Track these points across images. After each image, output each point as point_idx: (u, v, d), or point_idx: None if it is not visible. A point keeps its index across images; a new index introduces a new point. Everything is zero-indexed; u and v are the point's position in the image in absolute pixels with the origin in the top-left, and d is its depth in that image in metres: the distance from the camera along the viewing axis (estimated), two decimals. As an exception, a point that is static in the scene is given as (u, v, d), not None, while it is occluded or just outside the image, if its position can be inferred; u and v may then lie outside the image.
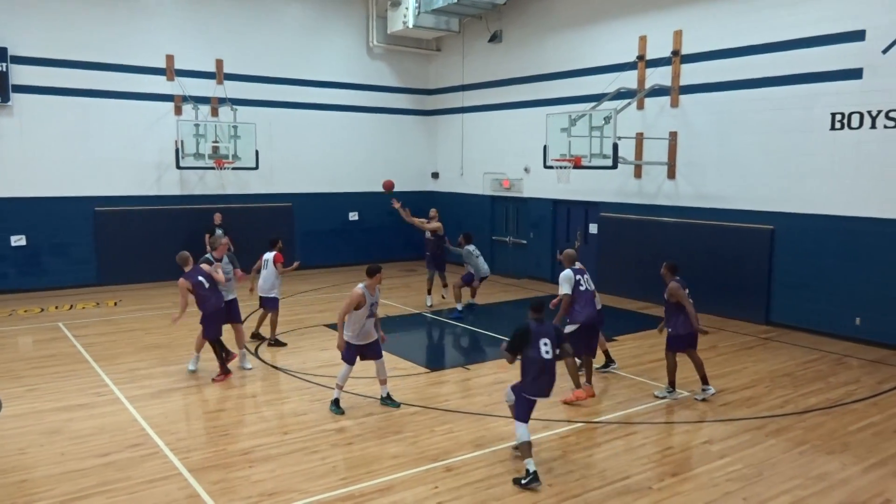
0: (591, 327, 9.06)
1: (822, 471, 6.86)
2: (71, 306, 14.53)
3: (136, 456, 7.10)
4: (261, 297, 11.39)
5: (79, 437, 7.61)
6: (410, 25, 18.86)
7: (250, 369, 10.23)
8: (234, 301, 10.46)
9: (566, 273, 9.05)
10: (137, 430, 7.80)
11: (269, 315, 11.51)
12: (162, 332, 12.41)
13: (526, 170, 18.23)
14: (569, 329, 8.82)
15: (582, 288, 9.00)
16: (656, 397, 9.02)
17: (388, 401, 8.65)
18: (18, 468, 6.75)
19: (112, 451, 7.20)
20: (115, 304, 14.86)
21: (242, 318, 10.79)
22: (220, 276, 9.93)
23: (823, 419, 8.29)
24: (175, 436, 7.65)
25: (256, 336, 11.73)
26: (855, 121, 11.68)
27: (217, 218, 16.80)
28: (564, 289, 8.92)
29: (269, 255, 11.42)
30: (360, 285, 8.27)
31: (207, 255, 10.25)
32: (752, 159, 13.26)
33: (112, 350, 11.21)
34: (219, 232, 16.71)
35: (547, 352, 6.63)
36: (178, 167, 16.66)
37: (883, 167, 11.38)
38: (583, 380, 8.98)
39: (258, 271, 11.42)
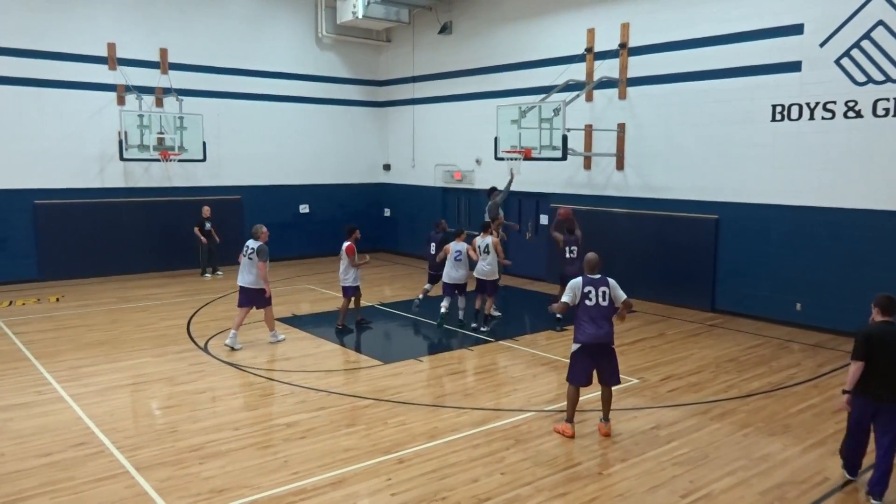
0: (596, 350, 7.53)
1: (764, 452, 7.08)
2: (10, 303, 14.05)
3: (80, 455, 6.91)
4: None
5: (19, 436, 7.36)
6: (360, 16, 18.69)
7: (281, 339, 11.23)
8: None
9: (575, 281, 7.67)
10: (81, 429, 7.59)
11: (344, 301, 11.99)
12: (106, 328, 12.12)
13: (477, 161, 18.29)
14: (573, 348, 7.67)
15: (589, 303, 7.50)
16: None
17: None
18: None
19: (55, 451, 7.00)
20: (58, 299, 14.42)
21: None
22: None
23: (766, 402, 8.55)
24: (121, 433, 7.47)
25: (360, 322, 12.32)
26: (794, 112, 12.03)
27: (206, 211, 16.78)
28: (566, 297, 7.64)
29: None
30: None
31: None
32: (697, 150, 13.55)
33: (54, 347, 10.88)
34: (208, 225, 16.57)
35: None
36: (122, 159, 16.23)
37: (821, 157, 11.76)
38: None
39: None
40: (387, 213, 21.72)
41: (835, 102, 11.51)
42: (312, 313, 13.49)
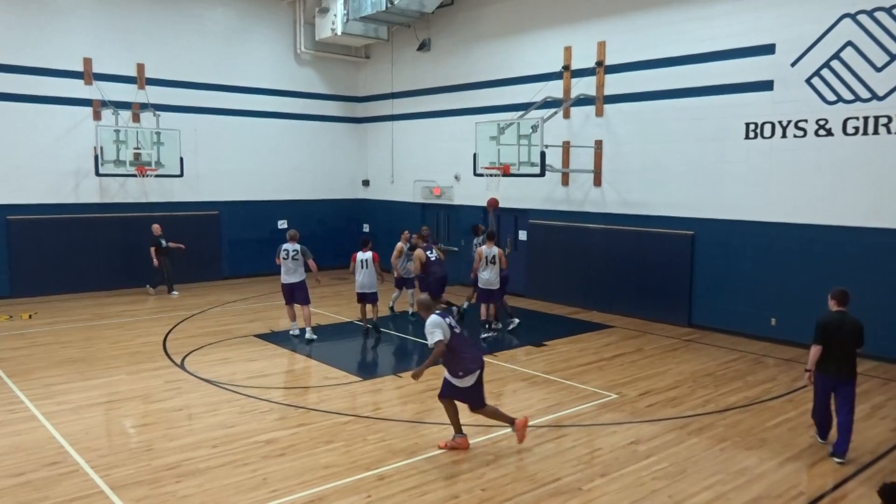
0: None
1: (741, 466, 7.14)
2: (-19, 320, 13.82)
3: (53, 475, 6.79)
4: (363, 293, 12.73)
5: (-10, 456, 7.24)
6: (339, 32, 18.77)
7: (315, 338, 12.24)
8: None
9: (434, 319, 7.29)
10: (55, 448, 7.46)
11: (371, 306, 12.92)
12: (79, 345, 11.96)
13: (456, 177, 18.37)
14: (466, 383, 7.34)
15: (457, 331, 7.39)
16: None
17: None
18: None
19: (27, 471, 6.87)
20: (30, 316, 14.18)
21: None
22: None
23: (742, 416, 8.64)
24: (96, 452, 7.35)
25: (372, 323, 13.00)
26: (767, 130, 12.25)
27: (156, 229, 16.49)
28: (436, 336, 7.17)
29: (365, 256, 12.70)
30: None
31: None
32: (672, 167, 13.73)
33: (26, 365, 10.70)
34: (164, 242, 16.33)
35: None
36: (98, 174, 16.09)
37: (793, 174, 11.98)
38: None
39: (354, 272, 12.76)
40: (366, 228, 21.67)
41: (806, 121, 11.75)
42: (290, 329, 13.38)
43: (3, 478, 6.70)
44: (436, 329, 7.20)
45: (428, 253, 13.41)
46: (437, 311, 7.44)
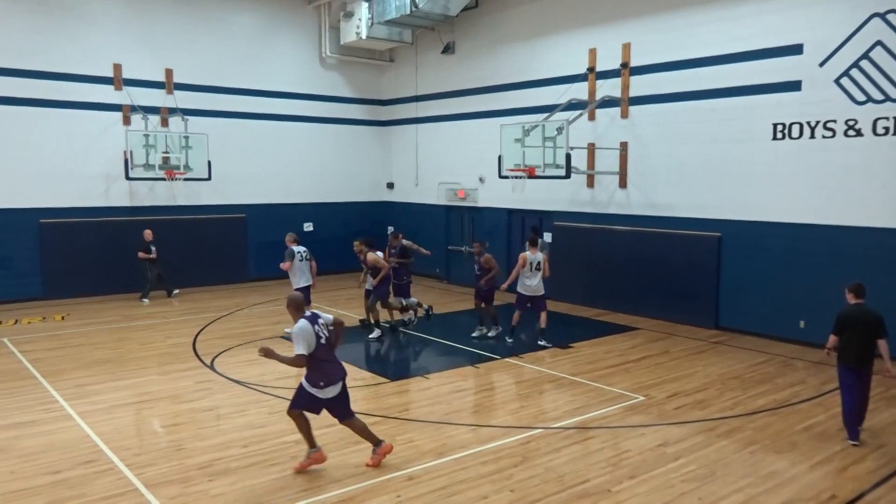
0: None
1: (771, 469, 7.09)
2: (16, 321, 14.09)
3: (89, 473, 6.93)
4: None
5: (28, 454, 7.39)
6: (364, 36, 18.90)
7: None
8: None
9: (302, 326, 6.74)
10: (90, 447, 7.61)
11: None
12: (111, 346, 12.17)
13: (480, 179, 18.40)
14: (328, 394, 6.91)
15: (323, 340, 6.84)
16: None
17: None
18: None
19: (64, 469, 7.02)
20: (63, 318, 14.45)
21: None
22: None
23: (772, 419, 8.57)
24: (129, 451, 7.49)
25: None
26: (795, 131, 12.14)
27: (147, 235, 16.35)
28: (299, 349, 6.69)
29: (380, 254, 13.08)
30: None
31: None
32: (698, 169, 13.65)
33: (60, 365, 10.91)
34: (153, 249, 16.21)
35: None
36: (128, 178, 16.35)
37: (822, 175, 11.85)
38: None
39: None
40: (390, 230, 21.74)
41: (835, 121, 11.63)
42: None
43: (40, 475, 6.85)
44: (301, 340, 6.63)
45: (380, 253, 12.96)
46: (308, 315, 6.83)
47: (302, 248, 12.80)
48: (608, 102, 14.99)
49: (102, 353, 11.67)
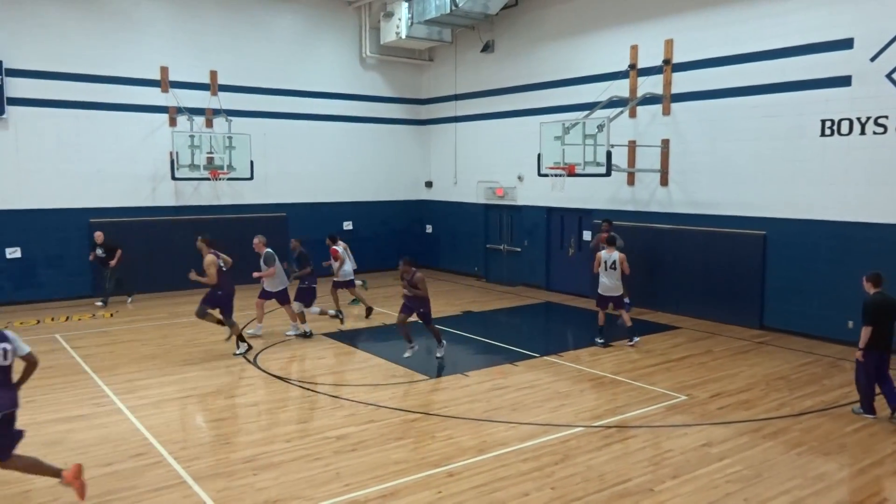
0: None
1: (819, 471, 6.96)
2: (67, 318, 14.51)
3: (139, 465, 7.12)
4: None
5: (81, 447, 7.62)
6: (403, 36, 19.01)
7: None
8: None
9: None
10: (140, 440, 7.82)
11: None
12: (157, 342, 12.46)
13: (519, 178, 18.36)
14: None
15: (5, 364, 6.17)
16: None
17: None
18: (21, 479, 6.74)
19: (115, 461, 7.22)
20: (111, 315, 14.84)
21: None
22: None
23: (819, 421, 8.40)
24: (178, 445, 7.67)
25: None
26: (844, 127, 11.86)
27: (98, 237, 15.77)
28: None
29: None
30: None
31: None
32: (743, 166, 13.42)
33: (110, 361, 11.21)
34: (100, 251, 15.75)
35: None
36: (174, 178, 16.72)
37: (872, 173, 11.56)
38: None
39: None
40: (429, 229, 21.88)
41: (886, 117, 11.32)
42: (357, 328, 13.65)
43: (94, 467, 7.04)
44: None
45: (219, 261, 11.82)
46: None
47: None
48: (650, 99, 14.83)
49: (150, 349, 11.97)
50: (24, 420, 8.42)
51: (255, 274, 12.60)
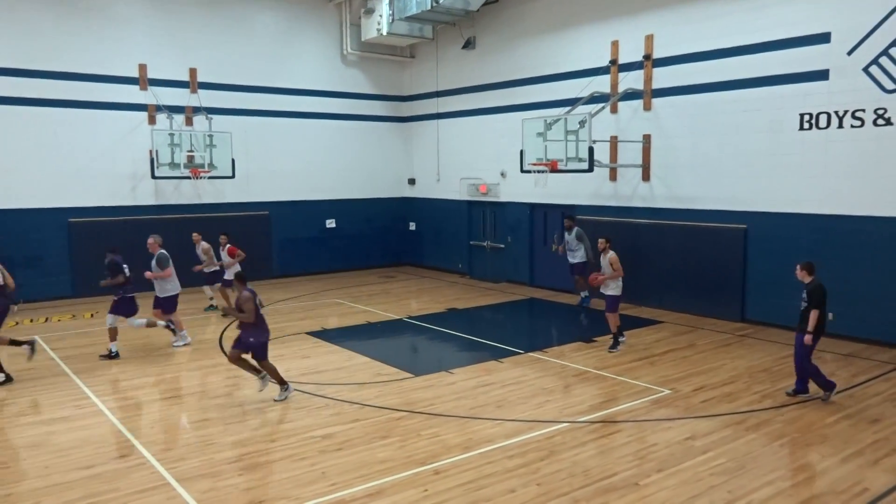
0: None
1: (802, 462, 7.03)
2: (46, 319, 14.34)
3: (122, 467, 7.05)
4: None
5: (62, 449, 7.52)
6: (384, 33, 18.93)
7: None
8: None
9: None
10: (122, 442, 7.74)
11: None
12: (139, 343, 12.34)
13: (502, 174, 18.37)
14: None
15: None
16: None
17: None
18: (3, 482, 6.67)
19: (97, 463, 7.14)
20: (92, 315, 14.68)
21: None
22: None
23: (801, 412, 8.48)
24: (161, 446, 7.60)
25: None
26: (823, 121, 11.98)
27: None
28: None
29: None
30: None
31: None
32: (723, 160, 13.51)
33: (90, 362, 11.08)
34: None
35: None
36: (154, 177, 16.55)
37: (850, 166, 11.69)
38: None
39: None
40: (412, 227, 21.84)
41: (864, 110, 11.45)
42: (341, 327, 13.60)
43: (75, 470, 6.97)
44: None
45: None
46: None
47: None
48: (631, 95, 14.89)
49: (131, 350, 11.84)
50: (3, 422, 8.35)
51: (148, 274, 12.15)
